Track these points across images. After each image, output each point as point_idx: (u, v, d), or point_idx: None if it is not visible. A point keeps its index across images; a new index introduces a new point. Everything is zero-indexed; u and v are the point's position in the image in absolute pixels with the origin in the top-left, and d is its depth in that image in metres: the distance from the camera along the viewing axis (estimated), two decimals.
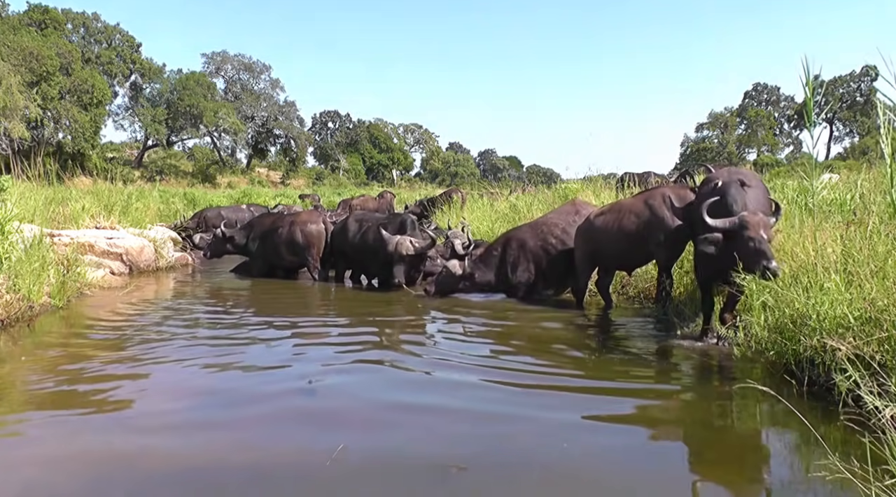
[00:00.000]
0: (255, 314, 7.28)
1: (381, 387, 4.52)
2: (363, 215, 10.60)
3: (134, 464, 3.18)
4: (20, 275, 6.50)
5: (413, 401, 4.17)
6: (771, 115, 65.83)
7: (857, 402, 3.37)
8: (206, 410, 4.01)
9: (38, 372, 4.79)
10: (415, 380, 4.66)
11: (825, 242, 4.88)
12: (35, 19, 41.86)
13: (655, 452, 3.42)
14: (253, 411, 3.96)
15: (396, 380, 4.68)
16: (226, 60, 59.82)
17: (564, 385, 4.47)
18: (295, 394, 4.28)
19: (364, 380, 4.65)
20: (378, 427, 3.70)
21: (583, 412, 3.90)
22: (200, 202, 25.27)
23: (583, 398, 4.22)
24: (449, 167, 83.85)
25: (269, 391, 4.34)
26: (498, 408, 3.98)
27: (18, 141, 31.15)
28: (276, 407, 4.03)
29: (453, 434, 3.58)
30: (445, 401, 4.13)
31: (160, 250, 11.45)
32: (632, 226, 6.64)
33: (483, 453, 3.30)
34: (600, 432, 3.66)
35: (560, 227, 7.91)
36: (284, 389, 4.37)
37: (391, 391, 4.40)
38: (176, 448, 3.40)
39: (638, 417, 3.93)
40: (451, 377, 4.67)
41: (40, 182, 11.82)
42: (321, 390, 4.34)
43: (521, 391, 4.30)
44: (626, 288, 8.20)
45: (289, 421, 3.80)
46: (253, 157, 61.53)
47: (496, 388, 4.39)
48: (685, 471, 3.20)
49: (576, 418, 3.81)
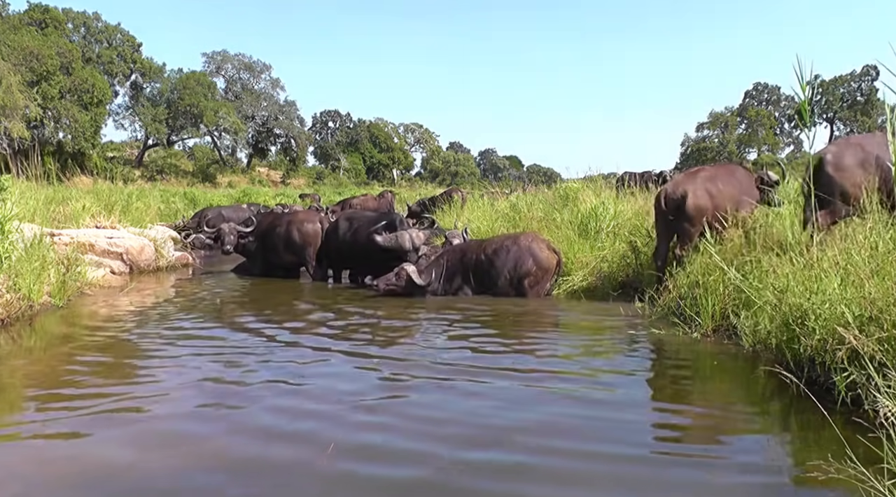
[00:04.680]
0: (254, 314, 7.26)
1: (365, 386, 4.52)
2: (353, 214, 10.62)
3: (133, 464, 3.18)
4: (20, 274, 6.49)
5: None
6: (771, 115, 65.80)
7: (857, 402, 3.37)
8: (206, 411, 4.00)
9: (38, 371, 4.79)
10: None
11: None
12: (35, 19, 41.81)
13: (655, 450, 3.42)
14: (252, 411, 3.96)
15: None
16: (226, 60, 59.76)
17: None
18: (295, 394, 4.28)
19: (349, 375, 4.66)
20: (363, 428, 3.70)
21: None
22: (201, 202, 25.27)
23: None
24: (449, 167, 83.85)
25: (268, 391, 4.34)
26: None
27: (19, 140, 31.12)
28: (275, 407, 4.03)
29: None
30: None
31: (160, 250, 11.45)
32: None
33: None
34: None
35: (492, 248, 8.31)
36: (286, 388, 4.37)
37: (375, 390, 4.40)
38: (176, 448, 3.40)
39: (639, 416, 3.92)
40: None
41: (40, 181, 11.82)
42: (319, 392, 4.34)
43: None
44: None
45: (287, 421, 3.80)
46: (253, 157, 61.50)
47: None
48: (683, 470, 3.19)
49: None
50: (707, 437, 3.67)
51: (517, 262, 8.04)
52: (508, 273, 8.06)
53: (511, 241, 8.27)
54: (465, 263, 8.41)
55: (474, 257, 8.35)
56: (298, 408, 3.99)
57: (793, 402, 3.94)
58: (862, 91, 61.32)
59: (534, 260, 8.03)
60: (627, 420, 3.82)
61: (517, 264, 8.03)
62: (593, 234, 9.41)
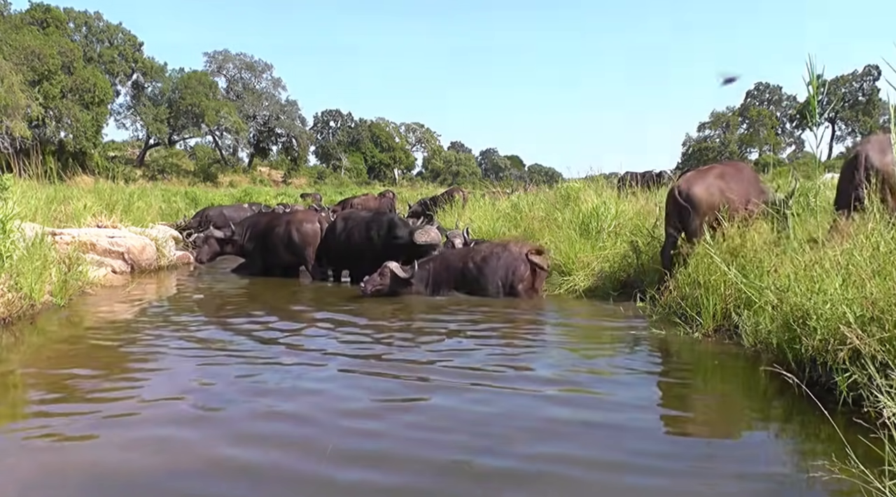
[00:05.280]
0: (254, 315, 7.25)
1: (363, 390, 4.51)
2: (349, 214, 10.64)
3: (132, 467, 3.17)
4: (22, 273, 6.50)
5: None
6: (773, 115, 65.77)
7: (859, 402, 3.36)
8: (206, 411, 4.00)
9: (38, 371, 4.79)
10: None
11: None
12: (37, 18, 41.84)
13: (656, 448, 3.41)
14: (252, 414, 3.95)
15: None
16: (227, 59, 59.79)
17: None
18: (294, 395, 4.28)
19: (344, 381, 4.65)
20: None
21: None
22: (202, 201, 25.29)
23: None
24: (450, 166, 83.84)
25: (267, 392, 4.34)
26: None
27: (20, 140, 31.15)
28: (274, 407, 4.03)
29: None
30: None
31: (162, 249, 11.44)
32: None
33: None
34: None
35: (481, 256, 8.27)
36: (285, 390, 4.37)
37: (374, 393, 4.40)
38: (176, 449, 3.40)
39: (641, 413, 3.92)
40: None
41: (42, 181, 11.83)
42: (319, 395, 4.33)
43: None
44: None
45: (286, 421, 3.79)
46: (255, 156, 61.51)
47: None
48: (684, 470, 3.19)
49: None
50: (707, 436, 3.67)
51: (508, 269, 8.00)
52: (500, 280, 8.01)
53: (501, 248, 8.26)
54: (451, 272, 8.33)
55: (461, 265, 8.27)
56: (298, 412, 3.94)
57: (794, 403, 3.94)
58: (863, 91, 61.27)
59: (526, 265, 8.00)
60: (627, 420, 3.81)
61: (508, 271, 7.99)
62: (594, 233, 9.41)
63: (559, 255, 9.00)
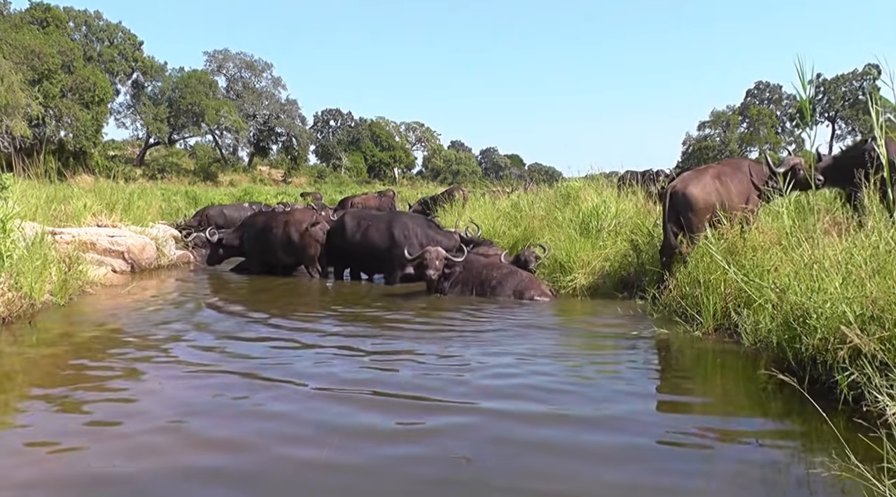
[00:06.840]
0: (254, 313, 7.24)
1: (363, 394, 4.51)
2: (360, 213, 10.63)
3: (129, 470, 3.16)
4: (22, 272, 6.50)
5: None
6: (773, 114, 65.73)
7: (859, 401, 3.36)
8: (206, 411, 4.00)
9: (38, 370, 4.79)
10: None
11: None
12: (37, 17, 41.86)
13: (656, 448, 3.42)
14: (250, 417, 3.94)
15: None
16: (228, 58, 59.81)
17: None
18: (294, 396, 4.28)
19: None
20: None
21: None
22: (202, 200, 25.29)
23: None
24: (451, 165, 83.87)
25: (267, 392, 4.34)
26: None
27: (20, 139, 31.18)
28: (273, 408, 4.03)
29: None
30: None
31: (162, 248, 11.45)
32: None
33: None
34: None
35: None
36: (284, 390, 4.37)
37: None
38: (176, 449, 3.39)
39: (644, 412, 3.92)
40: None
41: (42, 180, 11.83)
42: (318, 398, 4.33)
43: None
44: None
45: (287, 427, 3.77)
46: (255, 156, 61.53)
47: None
48: (684, 470, 3.19)
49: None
50: (707, 436, 3.66)
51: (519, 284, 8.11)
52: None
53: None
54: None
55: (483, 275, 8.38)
56: (297, 416, 3.90)
57: (794, 401, 3.94)
58: (863, 90, 61.21)
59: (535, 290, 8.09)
60: (628, 421, 3.81)
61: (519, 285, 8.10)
62: (595, 232, 9.40)
63: (560, 254, 8.99)
